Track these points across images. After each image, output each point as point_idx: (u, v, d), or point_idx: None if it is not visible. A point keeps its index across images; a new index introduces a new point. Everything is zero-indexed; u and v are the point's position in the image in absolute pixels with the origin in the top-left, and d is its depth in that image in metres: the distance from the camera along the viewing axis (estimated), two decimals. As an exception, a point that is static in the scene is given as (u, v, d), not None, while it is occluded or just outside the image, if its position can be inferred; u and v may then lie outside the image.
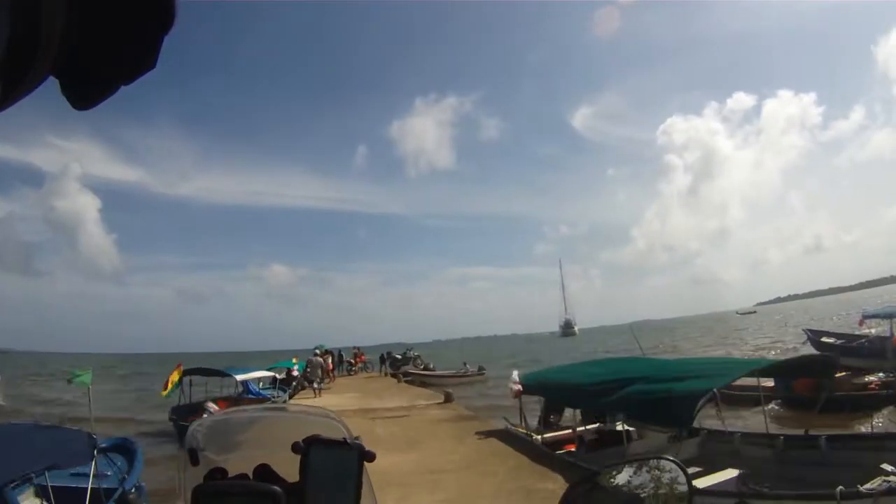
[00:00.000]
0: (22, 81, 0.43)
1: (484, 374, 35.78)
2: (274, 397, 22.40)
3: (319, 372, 24.90)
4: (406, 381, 31.68)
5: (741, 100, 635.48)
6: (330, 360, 31.28)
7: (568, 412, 12.78)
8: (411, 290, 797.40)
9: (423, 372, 35.00)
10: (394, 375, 33.53)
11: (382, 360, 38.20)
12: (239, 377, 20.09)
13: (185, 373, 18.90)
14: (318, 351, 27.41)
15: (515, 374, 12.76)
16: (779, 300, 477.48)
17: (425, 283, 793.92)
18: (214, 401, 18.09)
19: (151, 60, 0.50)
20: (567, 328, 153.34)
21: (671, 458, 1.51)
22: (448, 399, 18.26)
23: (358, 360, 39.14)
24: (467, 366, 36.44)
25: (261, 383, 24.73)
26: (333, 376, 31.28)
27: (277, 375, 24.80)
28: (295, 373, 28.00)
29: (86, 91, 0.50)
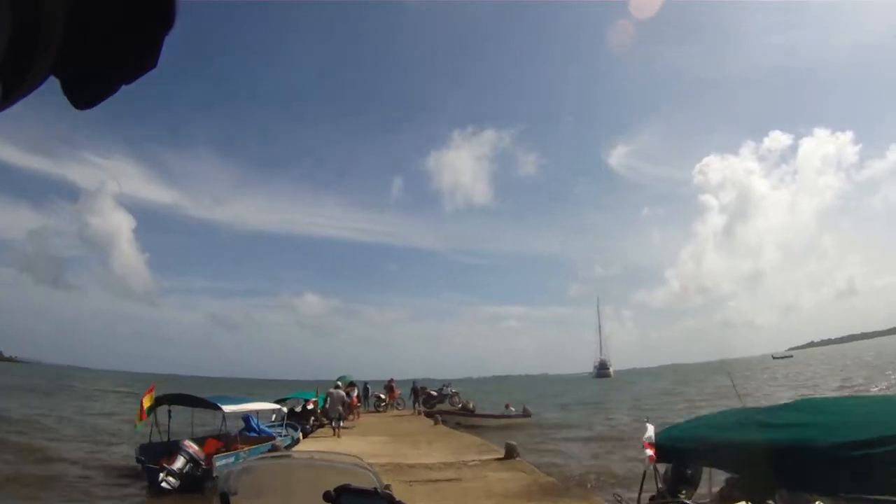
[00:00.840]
0: (22, 81, 0.43)
1: (530, 416, 30.51)
2: (281, 435, 17.77)
3: (340, 408, 20.22)
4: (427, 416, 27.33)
5: (778, 139, 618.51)
6: (355, 394, 26.58)
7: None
8: (441, 326, 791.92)
9: (460, 412, 29.96)
10: (429, 415, 28.69)
11: (416, 393, 33.29)
12: (228, 408, 15.30)
13: (159, 401, 14.45)
14: (339, 383, 22.79)
15: (651, 430, 7.95)
16: (812, 345, 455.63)
17: (455, 319, 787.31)
18: (199, 440, 13.56)
19: (152, 60, 0.50)
20: (602, 369, 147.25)
21: None
22: (511, 454, 13.32)
23: (391, 395, 34.03)
24: (511, 407, 31.14)
25: (273, 416, 20.30)
26: (358, 413, 26.46)
27: (285, 409, 20.02)
28: (312, 406, 23.53)
29: (86, 91, 0.50)
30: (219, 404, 14.90)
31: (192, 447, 12.56)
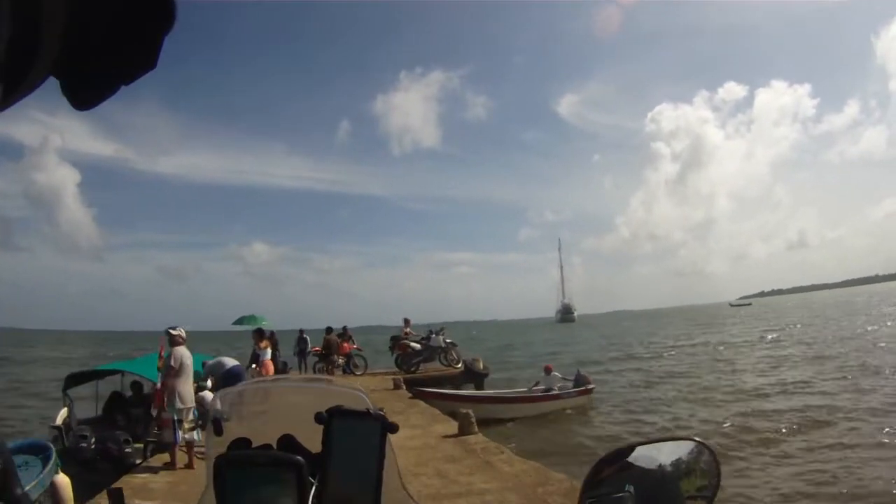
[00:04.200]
0: (22, 82, 0.43)
1: (592, 391, 17.25)
2: None
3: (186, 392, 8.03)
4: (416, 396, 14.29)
5: (733, 89, 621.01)
6: (268, 355, 12.49)
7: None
8: (393, 273, 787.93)
9: (463, 391, 16.82)
10: (412, 384, 15.28)
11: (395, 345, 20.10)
12: None
13: None
14: (176, 330, 8.30)
15: None
16: (763, 294, 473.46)
17: (407, 265, 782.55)
18: None
19: (152, 60, 0.50)
20: (566, 313, 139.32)
21: (700, 440, 1.42)
22: None
23: (342, 348, 19.48)
24: (554, 372, 17.40)
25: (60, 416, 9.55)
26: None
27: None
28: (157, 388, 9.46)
29: (86, 91, 0.50)
30: None
31: None
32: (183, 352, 8.03)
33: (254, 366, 12.73)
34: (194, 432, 7.91)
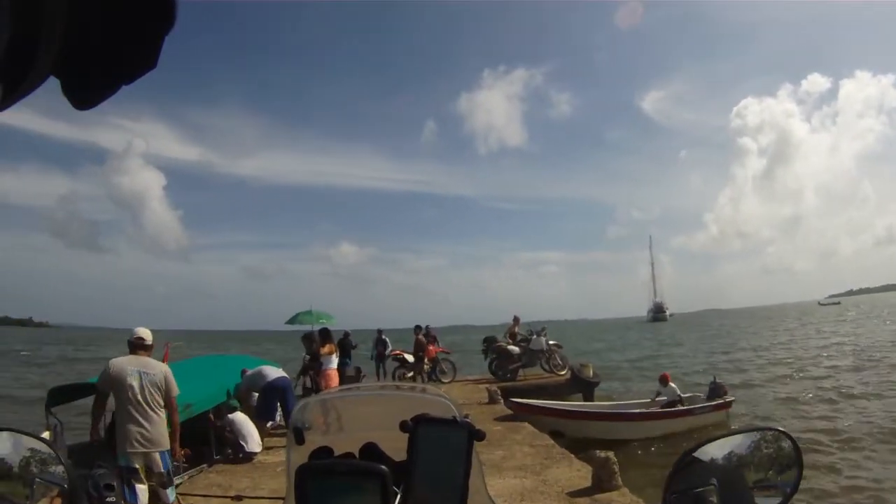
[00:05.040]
0: (23, 82, 0.43)
1: (731, 405, 13.83)
2: None
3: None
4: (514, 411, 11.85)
5: (817, 81, 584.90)
6: (333, 364, 10.28)
7: None
8: (479, 272, 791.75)
9: (570, 404, 14.08)
10: (508, 394, 12.62)
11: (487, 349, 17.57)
12: None
13: None
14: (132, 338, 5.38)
15: None
16: (851, 293, 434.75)
17: (494, 265, 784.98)
18: None
19: (152, 60, 0.50)
20: (658, 312, 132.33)
21: (778, 428, 1.33)
22: None
23: (427, 351, 16.88)
24: (671, 384, 13.91)
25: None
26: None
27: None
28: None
29: (87, 91, 0.50)
30: None
31: None
32: (120, 367, 5.13)
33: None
34: (169, 490, 5.23)
